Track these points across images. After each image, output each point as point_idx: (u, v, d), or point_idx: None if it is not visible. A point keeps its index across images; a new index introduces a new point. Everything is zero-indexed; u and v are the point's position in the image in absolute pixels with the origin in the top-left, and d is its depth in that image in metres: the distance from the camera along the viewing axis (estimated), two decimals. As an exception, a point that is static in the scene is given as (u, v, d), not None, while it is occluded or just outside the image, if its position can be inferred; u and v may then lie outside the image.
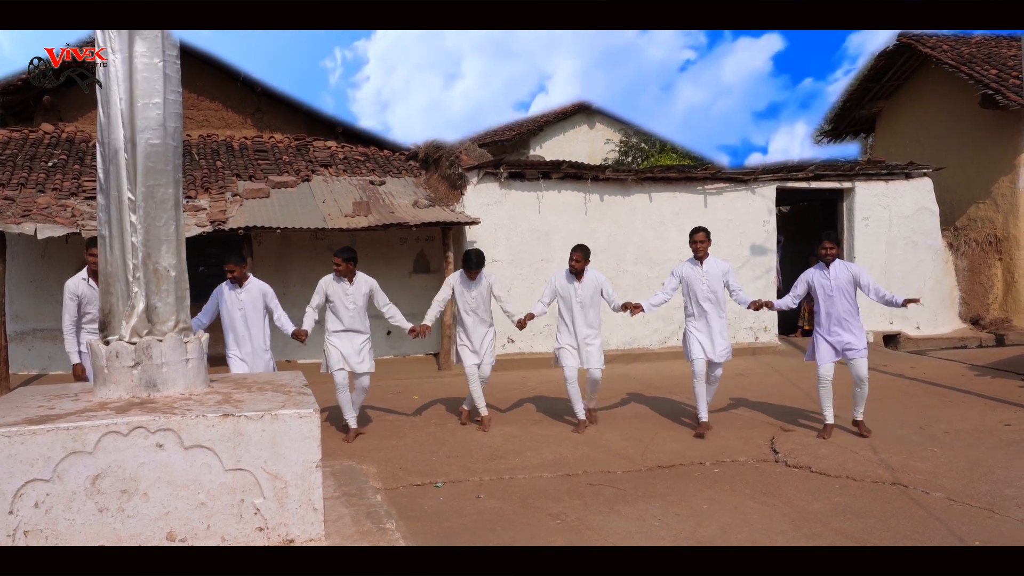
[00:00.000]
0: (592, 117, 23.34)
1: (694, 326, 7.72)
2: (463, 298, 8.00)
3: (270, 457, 3.85)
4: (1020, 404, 8.52)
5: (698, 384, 7.64)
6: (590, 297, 7.91)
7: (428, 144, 14.08)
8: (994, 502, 5.44)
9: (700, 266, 7.67)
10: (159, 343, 4.18)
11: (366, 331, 7.83)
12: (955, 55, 14.80)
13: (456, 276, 8.08)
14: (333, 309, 7.71)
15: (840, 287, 7.36)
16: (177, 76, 4.47)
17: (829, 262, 7.45)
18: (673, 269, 7.96)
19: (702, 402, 7.67)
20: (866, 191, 13.66)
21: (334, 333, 7.72)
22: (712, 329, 7.66)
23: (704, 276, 7.64)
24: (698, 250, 7.66)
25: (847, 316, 7.41)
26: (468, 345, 8.10)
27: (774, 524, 5.13)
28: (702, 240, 7.64)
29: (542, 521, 5.25)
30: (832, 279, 7.39)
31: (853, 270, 7.45)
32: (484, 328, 8.09)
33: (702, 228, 7.75)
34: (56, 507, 3.59)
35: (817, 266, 7.57)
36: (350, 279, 7.71)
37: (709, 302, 7.64)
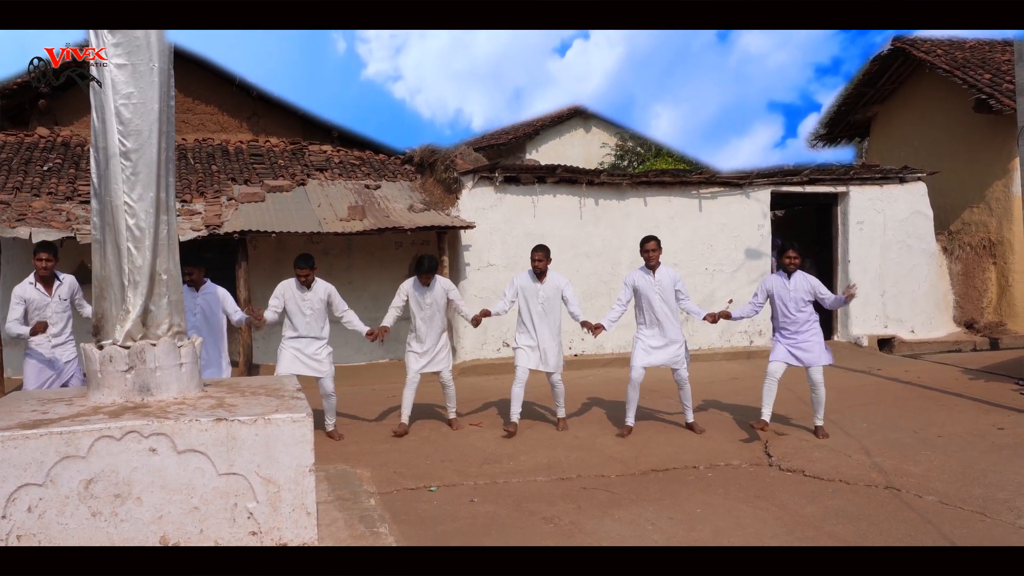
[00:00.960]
0: (588, 121, 23.38)
1: (644, 334, 7.81)
2: (417, 304, 7.95)
3: (263, 461, 3.85)
4: (1013, 408, 8.55)
5: (632, 390, 7.75)
6: (551, 299, 7.94)
7: (423, 148, 14.10)
8: (986, 506, 5.46)
9: (652, 275, 7.75)
10: (153, 347, 4.19)
11: (324, 337, 7.77)
12: (949, 60, 14.85)
13: (410, 282, 8.03)
14: (289, 315, 7.66)
15: (799, 297, 7.51)
16: (171, 80, 4.48)
17: (791, 272, 7.55)
18: (624, 279, 8.02)
19: (632, 407, 7.81)
20: (860, 195, 13.70)
21: (289, 339, 7.68)
22: (665, 337, 7.75)
23: (656, 285, 7.72)
24: (650, 259, 7.73)
25: (805, 324, 7.57)
26: (416, 351, 8.02)
27: (767, 528, 5.15)
28: (654, 249, 7.72)
29: (536, 525, 5.26)
30: (792, 288, 7.52)
31: (812, 282, 7.61)
32: (437, 334, 8.05)
33: (653, 237, 7.83)
34: (49, 511, 3.59)
35: (778, 274, 7.69)
36: (308, 285, 7.66)
37: (662, 312, 7.72)
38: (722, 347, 12.99)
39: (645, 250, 7.74)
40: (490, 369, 11.59)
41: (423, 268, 7.87)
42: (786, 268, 7.58)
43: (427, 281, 7.91)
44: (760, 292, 7.75)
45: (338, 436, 7.78)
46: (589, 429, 8.05)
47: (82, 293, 7.48)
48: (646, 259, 7.75)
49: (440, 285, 8.01)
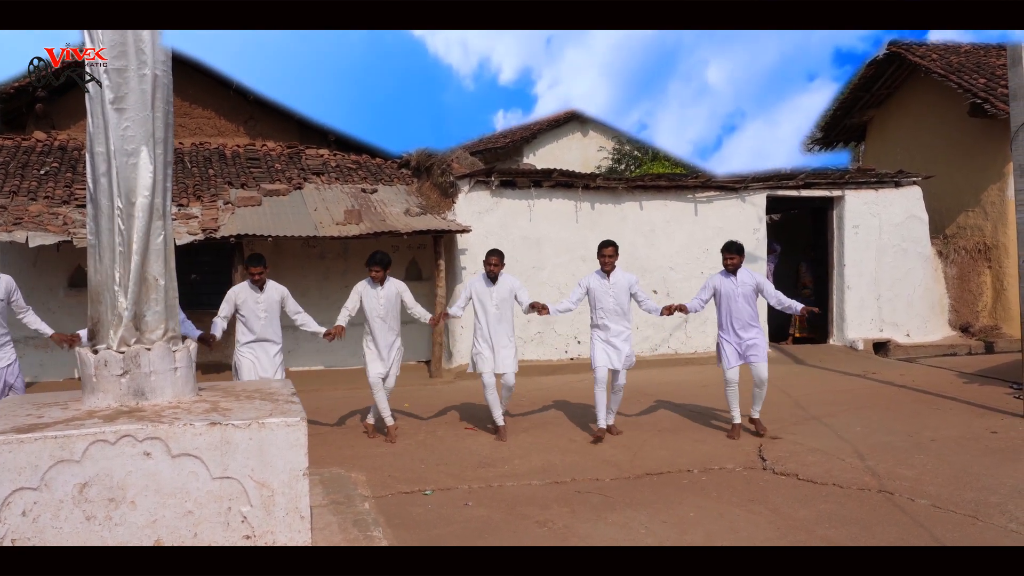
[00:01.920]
0: (585, 125, 23.42)
1: (599, 336, 7.92)
2: (370, 303, 7.89)
3: (257, 465, 3.87)
4: (1008, 411, 8.58)
5: (599, 391, 7.84)
6: (505, 301, 8.00)
7: (420, 152, 14.13)
8: (978, 509, 5.49)
9: (607, 279, 7.85)
10: (147, 352, 4.20)
11: (278, 341, 7.65)
12: (944, 64, 14.91)
13: (364, 282, 7.96)
14: (243, 319, 7.50)
15: (745, 293, 7.74)
16: (168, 84, 4.50)
17: (732, 271, 7.75)
18: (580, 280, 8.11)
19: (602, 408, 7.87)
20: (856, 199, 13.74)
21: (245, 344, 7.51)
22: (617, 339, 7.85)
23: (611, 289, 7.83)
24: (606, 264, 7.85)
25: (750, 320, 7.77)
26: (376, 353, 7.97)
27: (759, 531, 5.17)
28: (611, 255, 7.84)
29: (529, 528, 5.28)
30: (738, 285, 7.74)
31: (757, 278, 7.84)
32: (392, 336, 8.00)
33: (611, 243, 7.92)
34: (43, 515, 3.60)
35: (722, 273, 7.87)
36: (261, 286, 7.52)
37: (615, 314, 7.84)
38: (718, 351, 13.00)
39: (602, 255, 7.86)
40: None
41: (373, 260, 7.82)
42: (727, 267, 7.80)
43: (378, 278, 7.85)
44: (706, 289, 7.94)
45: None
46: (584, 433, 8.07)
47: (20, 295, 7.15)
48: (602, 263, 7.87)
49: (394, 286, 7.98)
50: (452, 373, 11.75)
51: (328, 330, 7.70)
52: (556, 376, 11.60)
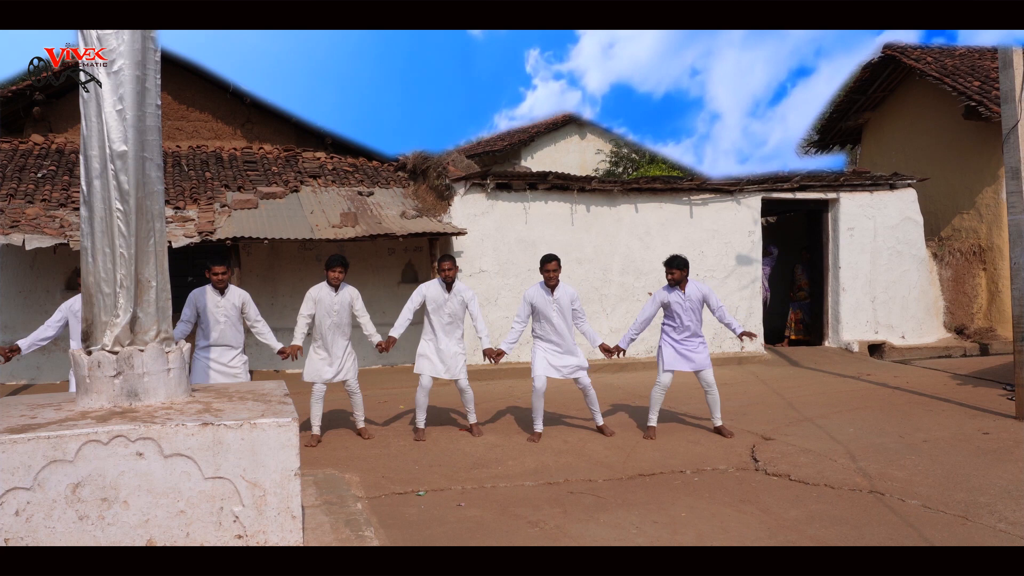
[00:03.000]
0: (583, 128, 23.49)
1: (541, 346, 8.03)
2: (323, 308, 7.82)
3: (249, 465, 3.90)
4: (1000, 413, 8.62)
5: (536, 399, 7.95)
6: (458, 308, 8.04)
7: (416, 155, 14.18)
8: (968, 509, 5.52)
9: (551, 294, 7.93)
10: (141, 353, 4.24)
11: (238, 346, 7.49)
12: (939, 67, 14.96)
13: (316, 287, 7.90)
14: (202, 324, 7.35)
15: (692, 306, 7.92)
16: (158, 87, 4.53)
17: (675, 285, 7.92)
18: (524, 294, 8.16)
19: (539, 415, 7.97)
20: (851, 202, 13.79)
21: (202, 349, 7.34)
22: (560, 350, 7.98)
23: (555, 303, 7.91)
24: (550, 279, 7.91)
25: (697, 331, 7.98)
26: (325, 358, 7.92)
27: (750, 531, 5.20)
28: (554, 269, 7.90)
29: (521, 529, 5.31)
30: (686, 299, 7.89)
31: (703, 290, 7.99)
32: (344, 341, 7.97)
33: (554, 257, 7.97)
34: (36, 515, 3.64)
35: (666, 288, 8.00)
36: (223, 290, 7.36)
37: (560, 327, 7.93)
38: (713, 353, 13.02)
39: (545, 270, 7.90)
40: (482, 375, 11.62)
41: (331, 263, 7.77)
42: (670, 283, 7.94)
43: (335, 282, 7.81)
44: (652, 305, 8.03)
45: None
46: (578, 434, 8.10)
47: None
48: (546, 278, 7.92)
49: (347, 292, 7.94)
50: (448, 375, 11.77)
51: (283, 348, 7.58)
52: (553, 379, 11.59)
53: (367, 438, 8.04)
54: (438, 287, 8.05)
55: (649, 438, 7.85)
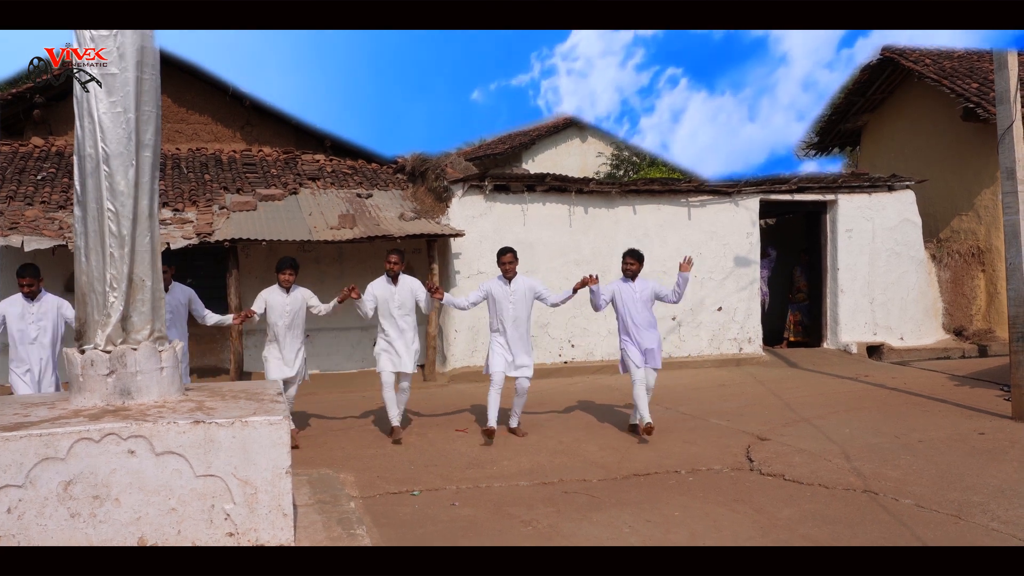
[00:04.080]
0: (584, 131, 23.51)
1: (498, 341, 8.02)
2: (276, 311, 7.83)
3: (240, 463, 3.93)
4: (996, 413, 8.62)
5: (493, 393, 7.92)
6: (406, 300, 8.07)
7: (415, 157, 14.20)
8: (961, 509, 5.53)
9: (508, 285, 7.95)
10: (133, 352, 4.27)
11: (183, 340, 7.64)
12: (937, 69, 14.97)
13: (268, 289, 7.93)
14: None
15: (643, 299, 7.96)
16: (157, 87, 4.56)
17: (632, 276, 7.98)
18: (481, 284, 8.23)
19: (494, 409, 7.93)
20: (849, 203, 13.79)
21: None
22: (514, 345, 7.96)
23: (511, 296, 7.93)
24: (506, 271, 7.95)
25: (649, 325, 7.99)
26: (277, 357, 7.93)
27: (743, 530, 5.21)
28: (510, 261, 7.95)
29: (514, 528, 5.32)
30: (638, 291, 7.96)
31: (652, 284, 8.07)
32: (298, 343, 7.99)
33: (510, 249, 8.02)
34: (28, 512, 3.66)
35: (622, 280, 8.07)
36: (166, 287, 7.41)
37: (514, 320, 7.94)
38: (711, 354, 13.07)
39: (501, 262, 7.96)
40: (480, 376, 11.63)
41: (281, 265, 7.81)
42: (625, 273, 8.03)
43: (286, 284, 7.84)
44: (605, 292, 8.03)
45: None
46: (573, 435, 8.12)
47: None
48: (503, 271, 7.95)
49: (300, 293, 7.95)
50: (446, 377, 11.80)
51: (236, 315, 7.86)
52: (550, 379, 11.63)
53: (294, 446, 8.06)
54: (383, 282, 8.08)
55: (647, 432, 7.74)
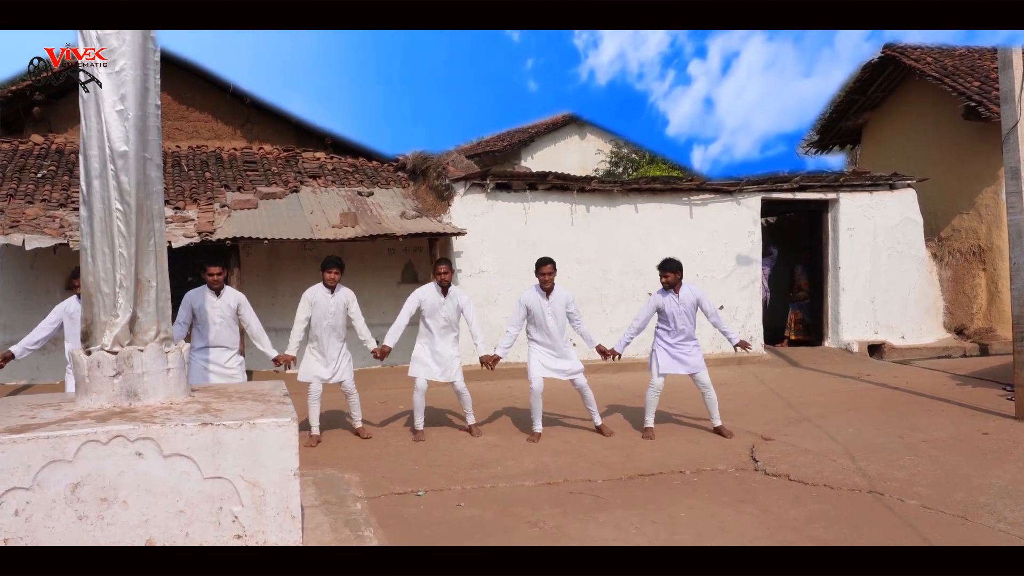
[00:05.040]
0: (583, 128, 23.46)
1: (537, 349, 8.06)
2: (320, 310, 7.82)
3: (248, 465, 3.91)
4: (999, 413, 8.62)
5: (535, 400, 7.96)
6: (453, 312, 8.05)
7: (416, 155, 14.18)
8: (967, 509, 5.52)
9: (546, 297, 7.95)
10: (140, 353, 4.24)
11: (234, 346, 7.52)
12: (939, 67, 14.96)
13: (312, 289, 7.90)
14: (197, 325, 7.35)
15: (686, 310, 7.93)
16: (158, 87, 4.53)
17: (669, 288, 7.94)
18: (519, 298, 8.16)
19: (538, 415, 7.99)
20: (850, 202, 13.79)
21: (199, 350, 7.34)
22: (555, 354, 8.02)
23: (550, 306, 7.94)
24: (545, 282, 7.92)
25: (691, 335, 8.01)
26: (321, 360, 7.94)
27: (749, 531, 5.21)
28: (549, 272, 7.91)
29: (520, 529, 5.31)
30: (680, 303, 7.91)
31: (697, 293, 8.00)
32: (339, 343, 7.98)
33: (549, 260, 7.97)
34: (36, 515, 3.64)
35: (661, 291, 8.03)
36: (218, 291, 7.38)
37: (552, 330, 7.96)
38: (713, 353, 13.03)
39: (541, 273, 7.91)
40: (483, 375, 11.61)
41: (327, 264, 7.79)
42: (664, 286, 7.97)
43: (331, 283, 7.82)
44: (647, 309, 8.07)
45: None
46: (577, 435, 8.11)
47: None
48: (541, 282, 7.92)
49: (343, 294, 7.94)
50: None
51: (278, 356, 7.60)
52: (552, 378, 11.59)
53: (365, 437, 8.05)
54: (434, 291, 8.02)
55: (648, 438, 7.85)
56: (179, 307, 7.28)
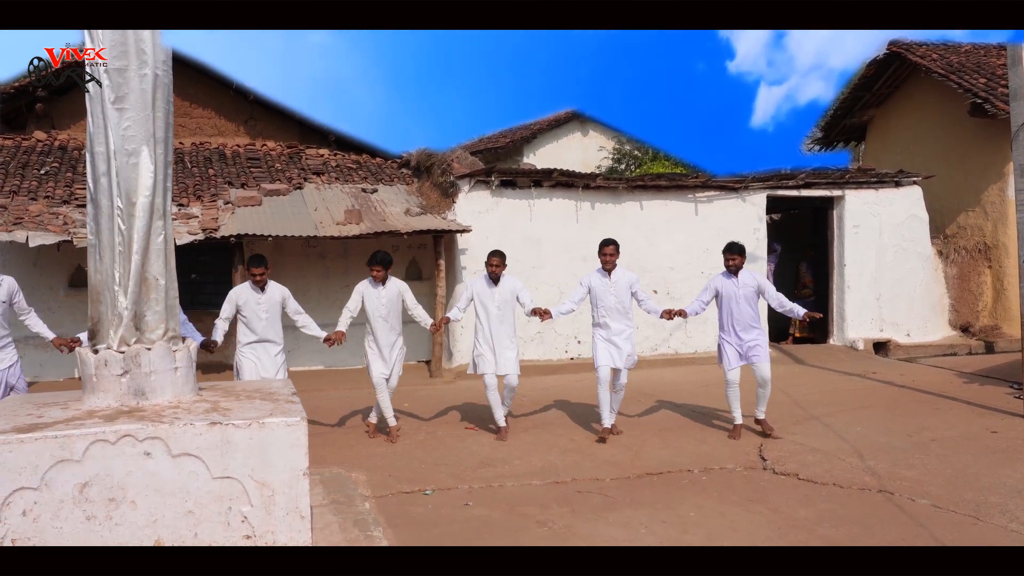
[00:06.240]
0: (585, 124, 23.38)
1: (600, 334, 7.91)
2: (372, 303, 7.89)
3: (257, 465, 3.87)
4: (1007, 411, 8.58)
5: (602, 390, 7.84)
6: (507, 302, 8.00)
7: (420, 152, 14.12)
8: (979, 509, 5.49)
9: (608, 277, 7.85)
10: (148, 351, 4.20)
11: (280, 341, 7.64)
12: (944, 64, 14.90)
13: (365, 282, 7.96)
14: (245, 320, 7.51)
15: (746, 295, 7.72)
16: (169, 83, 4.50)
17: (734, 272, 7.74)
18: (581, 279, 8.10)
19: (605, 408, 7.86)
20: (856, 199, 13.74)
21: (246, 345, 7.52)
22: (618, 338, 7.84)
23: (612, 287, 7.82)
24: (607, 263, 7.83)
25: (751, 322, 7.78)
26: (378, 354, 7.99)
27: (760, 531, 5.17)
28: (611, 253, 7.83)
29: (529, 528, 5.28)
30: (739, 287, 7.72)
31: (759, 279, 7.83)
32: (394, 336, 8.02)
33: (612, 241, 7.91)
34: (44, 515, 3.60)
35: (723, 274, 7.86)
36: (263, 287, 7.53)
37: (616, 312, 7.83)
38: (718, 350, 13.00)
39: (603, 253, 7.86)
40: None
41: (374, 260, 7.82)
42: (728, 268, 7.79)
43: (380, 277, 7.85)
44: (707, 291, 7.93)
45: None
46: (584, 433, 8.07)
47: (22, 296, 7.30)
48: (603, 262, 7.86)
49: (395, 285, 7.98)
50: (452, 373, 11.76)
51: (328, 335, 7.67)
52: (556, 376, 11.60)
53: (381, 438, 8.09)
54: (484, 283, 8.06)
55: (733, 438, 7.68)
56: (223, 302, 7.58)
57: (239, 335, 7.57)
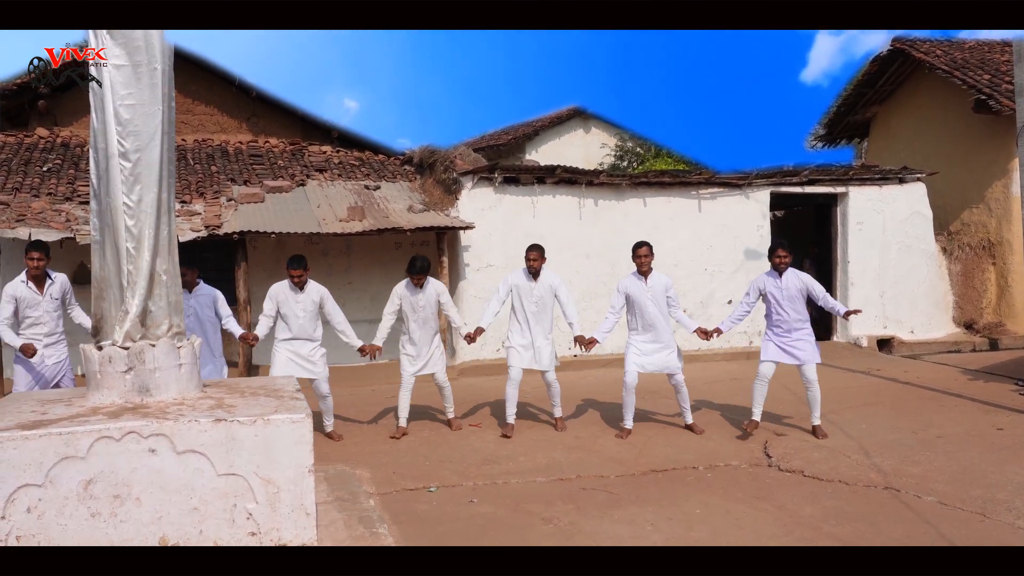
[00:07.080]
0: (588, 121, 23.36)
1: (636, 339, 7.79)
2: (410, 306, 7.91)
3: (263, 462, 3.85)
4: (1013, 408, 8.55)
5: (627, 395, 7.74)
6: (544, 297, 7.94)
7: (423, 149, 14.10)
8: (986, 506, 5.46)
9: (644, 281, 7.71)
10: (152, 348, 4.19)
11: (317, 338, 7.81)
12: (948, 60, 14.86)
13: (402, 284, 7.97)
14: (283, 317, 7.69)
15: (791, 295, 7.53)
16: (171, 81, 4.49)
17: (782, 271, 7.58)
18: (617, 285, 7.96)
19: (630, 411, 7.79)
20: (860, 196, 13.71)
21: (283, 341, 7.72)
22: (659, 342, 7.74)
23: (649, 291, 7.69)
24: (642, 265, 7.70)
25: (797, 323, 7.60)
26: (410, 353, 8.02)
27: (766, 528, 5.15)
28: (646, 255, 7.68)
29: (534, 525, 5.26)
30: (784, 288, 7.55)
31: (804, 279, 7.62)
32: (430, 337, 8.04)
33: (645, 243, 7.79)
34: (48, 512, 3.59)
35: (769, 273, 7.70)
36: (302, 287, 7.70)
37: (654, 316, 7.69)
38: (721, 348, 12.98)
39: (637, 255, 7.71)
40: (489, 370, 11.59)
41: (415, 268, 7.83)
42: (776, 267, 7.62)
43: (419, 282, 7.87)
44: (752, 291, 7.77)
45: (337, 437, 7.81)
46: (589, 430, 8.06)
47: (73, 294, 7.53)
48: (638, 265, 7.72)
49: (432, 288, 7.98)
50: (456, 370, 11.73)
51: (363, 346, 7.81)
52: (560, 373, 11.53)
53: (455, 429, 8.16)
54: (523, 276, 7.98)
55: (748, 430, 7.61)
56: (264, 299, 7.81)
57: (277, 331, 7.76)
